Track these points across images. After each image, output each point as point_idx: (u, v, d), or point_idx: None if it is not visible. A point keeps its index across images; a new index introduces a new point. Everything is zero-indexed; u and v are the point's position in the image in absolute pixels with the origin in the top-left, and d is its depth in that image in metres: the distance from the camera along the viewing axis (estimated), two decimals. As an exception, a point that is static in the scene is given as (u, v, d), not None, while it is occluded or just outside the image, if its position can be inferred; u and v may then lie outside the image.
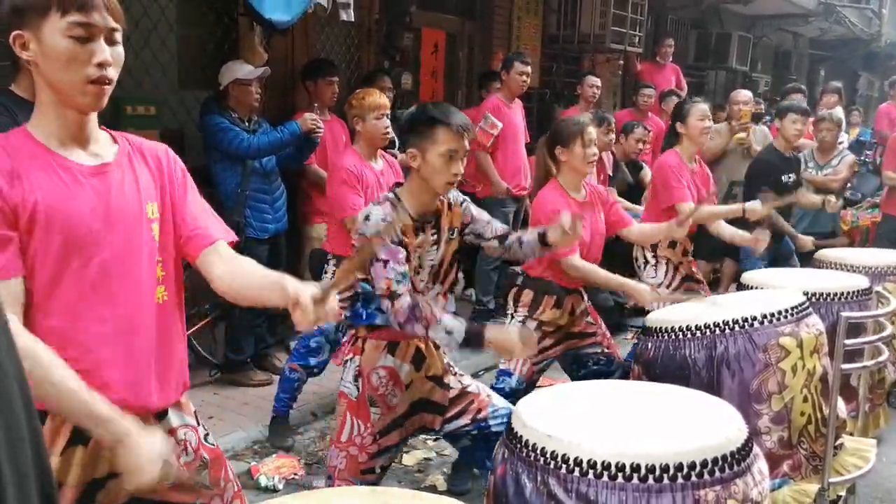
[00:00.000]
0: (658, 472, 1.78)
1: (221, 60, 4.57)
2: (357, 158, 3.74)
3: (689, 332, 2.77)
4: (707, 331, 2.75)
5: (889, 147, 6.09)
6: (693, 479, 1.79)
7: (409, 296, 2.39)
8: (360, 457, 2.55)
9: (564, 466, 1.84)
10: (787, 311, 2.77)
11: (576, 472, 1.82)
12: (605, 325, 3.55)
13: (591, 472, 1.81)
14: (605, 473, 1.80)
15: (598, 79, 6.95)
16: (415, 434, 2.75)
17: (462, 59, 7.11)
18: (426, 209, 2.53)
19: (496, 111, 5.61)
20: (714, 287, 6.22)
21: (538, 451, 1.90)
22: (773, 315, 2.74)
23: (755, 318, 2.73)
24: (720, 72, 10.79)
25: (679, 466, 1.79)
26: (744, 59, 10.33)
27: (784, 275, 3.93)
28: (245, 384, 4.52)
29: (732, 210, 4.25)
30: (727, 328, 2.73)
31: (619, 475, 1.79)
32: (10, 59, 2.80)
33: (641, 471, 1.78)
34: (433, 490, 3.44)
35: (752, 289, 3.51)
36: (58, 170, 1.59)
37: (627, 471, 1.79)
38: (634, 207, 5.89)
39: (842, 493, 3.02)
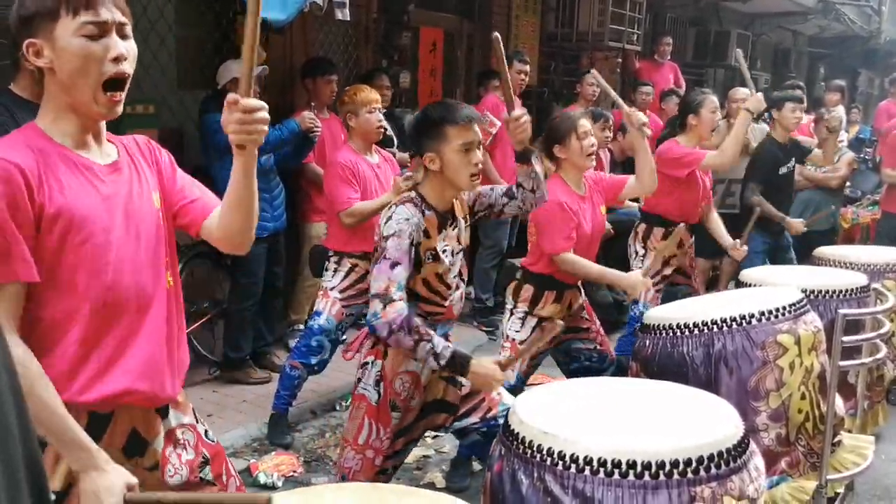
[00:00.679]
0: (654, 469, 1.78)
1: (220, 60, 4.56)
2: (352, 153, 3.76)
3: (687, 330, 2.77)
4: (705, 328, 2.75)
5: (888, 144, 6.08)
6: (689, 476, 1.79)
7: (406, 306, 2.34)
8: (377, 459, 2.55)
9: (561, 463, 1.84)
10: (785, 309, 2.77)
11: (572, 469, 1.82)
12: (602, 322, 3.56)
13: (588, 469, 1.81)
14: (602, 470, 1.80)
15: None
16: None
17: (460, 58, 7.10)
18: (448, 207, 2.54)
19: (494, 110, 5.60)
20: (713, 284, 6.23)
21: (535, 448, 1.90)
22: (771, 312, 2.74)
23: (753, 316, 2.73)
24: (719, 70, 10.75)
25: (675, 463, 1.79)
26: (743, 57, 10.30)
27: (782, 272, 3.93)
28: (244, 382, 4.52)
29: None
30: (725, 325, 2.73)
31: (616, 472, 1.79)
32: (10, 59, 2.80)
33: (638, 467, 1.78)
34: (431, 487, 3.45)
35: (751, 286, 3.52)
36: (82, 170, 1.60)
37: (624, 467, 1.79)
38: (632, 205, 5.89)
39: (840, 490, 3.02)
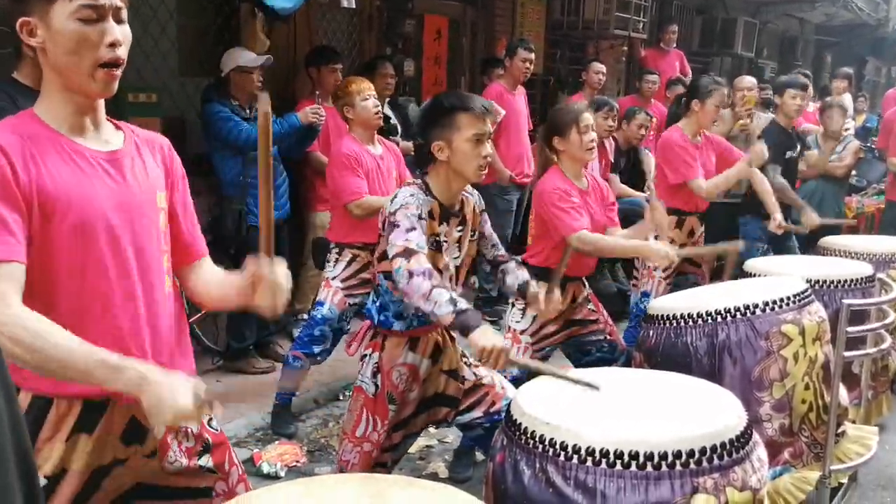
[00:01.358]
0: (657, 460, 1.77)
1: (222, 48, 4.55)
2: (354, 143, 3.71)
3: (691, 320, 2.76)
4: (709, 318, 2.74)
5: (892, 132, 6.04)
6: (692, 467, 1.79)
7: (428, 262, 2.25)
8: (374, 452, 2.54)
9: (563, 454, 1.84)
10: (790, 299, 2.76)
11: (574, 460, 1.82)
12: (608, 313, 3.55)
13: (590, 460, 1.81)
14: (604, 461, 1.80)
15: (604, 65, 6.91)
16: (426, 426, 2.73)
17: (465, 46, 7.06)
18: (453, 200, 2.51)
19: (499, 98, 5.57)
20: (717, 274, 6.21)
21: (537, 439, 1.90)
22: (775, 302, 2.73)
23: (757, 306, 2.72)
24: (725, 58, 10.70)
25: (678, 454, 1.78)
26: (749, 45, 10.24)
27: (786, 262, 3.91)
28: (247, 372, 4.53)
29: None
30: (729, 315, 2.72)
31: (618, 462, 1.79)
32: (13, 47, 2.79)
33: (640, 458, 1.78)
34: (434, 477, 3.45)
35: (755, 276, 3.50)
36: (72, 155, 1.57)
37: (626, 458, 1.78)
38: (636, 194, 5.87)
39: (843, 481, 3.02)
